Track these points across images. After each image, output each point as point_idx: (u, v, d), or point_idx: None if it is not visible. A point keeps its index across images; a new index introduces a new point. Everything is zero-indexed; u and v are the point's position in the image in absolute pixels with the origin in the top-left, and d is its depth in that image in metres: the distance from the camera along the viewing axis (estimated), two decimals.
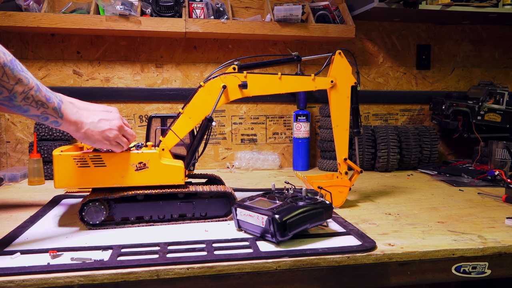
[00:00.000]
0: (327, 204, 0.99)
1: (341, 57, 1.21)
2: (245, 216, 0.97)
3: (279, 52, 1.95)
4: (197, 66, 1.89)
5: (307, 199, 0.99)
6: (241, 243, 0.92)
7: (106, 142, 0.99)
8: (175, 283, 0.81)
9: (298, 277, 0.85)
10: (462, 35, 2.12)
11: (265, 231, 0.92)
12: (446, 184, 1.59)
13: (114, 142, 1.01)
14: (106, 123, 0.99)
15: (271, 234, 0.90)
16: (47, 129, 1.64)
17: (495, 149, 1.65)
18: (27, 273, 0.77)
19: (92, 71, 1.81)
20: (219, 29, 1.71)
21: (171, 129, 1.11)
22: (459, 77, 2.14)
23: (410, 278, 0.90)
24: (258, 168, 1.88)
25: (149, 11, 1.69)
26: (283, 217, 0.89)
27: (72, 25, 1.61)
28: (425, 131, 1.89)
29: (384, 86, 2.07)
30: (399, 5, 1.73)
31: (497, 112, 1.87)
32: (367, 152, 1.82)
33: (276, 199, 1.00)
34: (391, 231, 1.03)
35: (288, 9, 1.73)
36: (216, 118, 1.91)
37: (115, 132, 1.00)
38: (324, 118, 1.87)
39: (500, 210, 1.23)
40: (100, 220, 1.02)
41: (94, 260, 0.82)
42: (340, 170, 1.24)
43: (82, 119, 0.95)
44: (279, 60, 1.27)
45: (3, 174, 1.58)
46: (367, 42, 2.03)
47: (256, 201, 1.00)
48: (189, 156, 1.11)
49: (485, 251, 0.92)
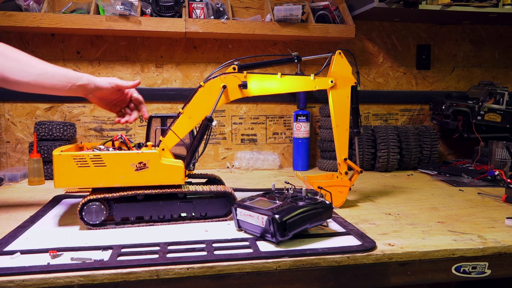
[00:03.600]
0: (327, 204, 0.99)
1: (341, 57, 1.21)
2: (245, 216, 0.97)
3: (279, 52, 1.95)
4: (197, 66, 1.89)
5: (307, 199, 0.99)
6: (241, 243, 0.92)
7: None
8: (175, 283, 0.81)
9: (298, 277, 0.85)
10: (462, 35, 2.12)
11: (265, 231, 0.92)
12: (446, 184, 1.59)
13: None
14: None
15: (271, 234, 0.90)
16: (47, 129, 1.64)
17: (495, 149, 1.65)
18: (27, 273, 0.77)
19: (92, 71, 1.81)
20: (219, 29, 1.71)
21: (171, 129, 1.11)
22: (459, 77, 2.14)
23: (410, 278, 0.90)
24: (258, 168, 1.88)
25: (149, 11, 1.69)
26: (283, 217, 0.89)
27: (72, 25, 1.61)
28: (425, 131, 1.89)
29: (384, 86, 2.07)
30: (399, 5, 1.73)
31: (497, 112, 1.87)
32: (367, 152, 1.82)
33: (276, 199, 1.00)
34: (391, 231, 1.03)
35: (288, 9, 1.73)
36: (216, 118, 1.91)
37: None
38: (324, 118, 1.87)
39: (500, 210, 1.23)
40: (100, 220, 1.02)
41: (94, 260, 0.82)
42: (340, 170, 1.24)
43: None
44: (279, 60, 1.27)
45: (3, 174, 1.58)
46: (367, 42, 2.03)
47: (256, 201, 1.00)
48: (189, 156, 1.11)
49: (485, 251, 0.92)
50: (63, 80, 1.07)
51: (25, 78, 1.03)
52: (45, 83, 1.05)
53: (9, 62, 1.04)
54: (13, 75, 1.03)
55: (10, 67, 1.03)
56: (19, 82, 1.03)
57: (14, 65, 1.04)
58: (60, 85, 1.07)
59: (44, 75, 1.05)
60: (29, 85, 1.04)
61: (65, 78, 1.07)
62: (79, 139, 1.80)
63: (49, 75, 1.06)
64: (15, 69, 1.03)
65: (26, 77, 1.04)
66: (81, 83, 1.09)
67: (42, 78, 1.05)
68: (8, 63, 1.03)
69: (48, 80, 1.06)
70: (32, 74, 1.04)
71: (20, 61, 1.05)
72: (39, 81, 1.05)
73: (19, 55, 1.06)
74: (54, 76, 1.06)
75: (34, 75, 1.04)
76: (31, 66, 1.05)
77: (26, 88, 1.06)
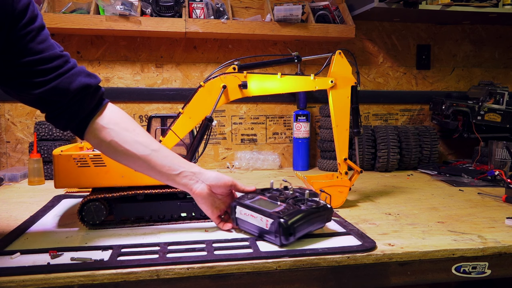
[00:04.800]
0: (328, 208, 0.99)
1: (341, 57, 1.21)
2: (245, 216, 0.97)
3: (279, 52, 1.95)
4: (197, 66, 1.89)
5: (309, 201, 0.99)
6: (241, 243, 0.92)
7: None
8: (175, 283, 0.81)
9: (298, 277, 0.85)
10: (462, 35, 2.12)
11: (266, 232, 0.92)
12: (446, 184, 1.59)
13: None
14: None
15: (274, 236, 0.90)
16: (47, 129, 1.64)
17: (495, 149, 1.65)
18: (27, 273, 0.77)
19: (92, 71, 1.79)
20: (219, 29, 1.71)
21: (171, 129, 1.11)
22: (459, 77, 2.14)
23: (410, 278, 0.90)
24: (258, 168, 1.88)
25: (149, 11, 1.69)
26: (289, 221, 0.89)
27: (72, 25, 1.61)
28: (425, 131, 1.89)
29: (384, 86, 2.07)
30: (399, 5, 1.73)
31: (497, 112, 1.87)
32: (367, 152, 1.82)
33: (278, 199, 1.00)
34: (391, 231, 1.03)
35: (288, 9, 1.73)
36: (216, 118, 1.91)
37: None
38: (324, 118, 1.87)
39: (500, 210, 1.22)
40: (100, 220, 1.02)
41: (94, 260, 0.82)
42: (340, 170, 1.24)
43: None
44: (279, 60, 1.27)
45: (3, 174, 1.58)
46: (367, 42, 2.03)
47: (257, 200, 1.00)
48: (189, 156, 1.11)
49: (485, 251, 0.92)
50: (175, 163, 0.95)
51: (138, 152, 0.91)
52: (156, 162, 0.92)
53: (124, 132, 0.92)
54: (126, 144, 0.91)
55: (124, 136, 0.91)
56: (130, 154, 0.91)
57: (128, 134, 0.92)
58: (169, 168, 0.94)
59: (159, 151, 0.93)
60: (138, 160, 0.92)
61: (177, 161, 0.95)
62: (79, 139, 1.80)
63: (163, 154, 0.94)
64: (130, 139, 0.91)
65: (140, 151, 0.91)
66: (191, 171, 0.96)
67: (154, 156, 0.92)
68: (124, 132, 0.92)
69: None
70: (147, 149, 0.92)
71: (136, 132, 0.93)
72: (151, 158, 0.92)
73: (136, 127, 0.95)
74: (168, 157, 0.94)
75: (149, 150, 0.92)
76: (148, 139, 0.94)
77: (133, 163, 0.93)
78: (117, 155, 0.92)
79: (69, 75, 0.86)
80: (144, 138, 0.93)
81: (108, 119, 0.92)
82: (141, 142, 0.92)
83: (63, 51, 0.88)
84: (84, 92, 0.88)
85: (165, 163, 0.93)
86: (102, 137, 0.90)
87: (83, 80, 0.88)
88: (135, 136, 0.92)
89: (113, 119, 0.93)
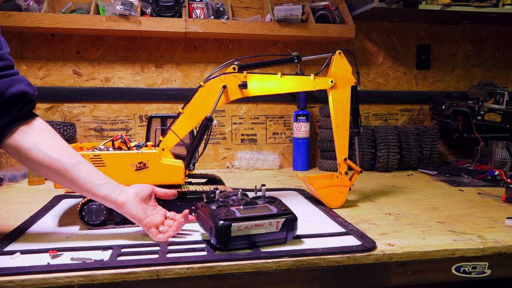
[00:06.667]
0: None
1: (341, 57, 1.21)
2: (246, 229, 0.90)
3: (279, 52, 1.95)
4: (197, 66, 1.89)
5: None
6: None
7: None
8: (175, 283, 0.81)
9: (298, 277, 0.85)
10: (462, 35, 2.12)
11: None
12: (446, 184, 1.59)
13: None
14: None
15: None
16: None
17: (495, 149, 1.65)
18: (27, 273, 0.77)
19: (92, 71, 1.81)
20: (219, 29, 1.71)
21: (171, 129, 1.11)
22: (459, 77, 2.14)
23: (410, 278, 0.90)
24: (258, 168, 1.88)
25: (149, 11, 1.69)
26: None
27: (72, 25, 1.61)
28: (425, 131, 1.89)
29: (384, 86, 2.07)
30: (399, 5, 1.73)
31: (497, 112, 1.87)
32: (367, 152, 1.82)
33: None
34: (391, 231, 1.03)
35: (288, 9, 1.73)
36: (216, 118, 1.91)
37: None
38: (324, 118, 1.87)
39: (500, 210, 1.23)
40: (100, 220, 1.02)
41: (94, 260, 0.82)
42: (340, 170, 1.24)
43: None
44: (279, 60, 1.27)
45: (3, 174, 1.58)
46: (367, 42, 2.03)
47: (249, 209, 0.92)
48: (189, 156, 1.11)
49: (485, 251, 0.92)
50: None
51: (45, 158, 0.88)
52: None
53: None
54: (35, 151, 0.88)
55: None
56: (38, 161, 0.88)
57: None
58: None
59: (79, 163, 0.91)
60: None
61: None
62: (79, 139, 1.80)
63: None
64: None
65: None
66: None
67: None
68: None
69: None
70: (73, 158, 0.91)
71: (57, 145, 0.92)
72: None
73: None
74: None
75: (74, 160, 0.91)
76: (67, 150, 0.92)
77: (55, 172, 0.90)
78: (38, 164, 0.88)
79: (10, 80, 0.86)
80: (70, 149, 0.92)
81: (35, 128, 0.90)
82: (68, 151, 0.91)
83: (9, 53, 0.88)
84: (19, 98, 0.88)
85: (91, 173, 0.92)
86: (24, 143, 0.88)
87: (22, 87, 0.88)
88: (62, 145, 0.91)
89: (41, 128, 0.91)
